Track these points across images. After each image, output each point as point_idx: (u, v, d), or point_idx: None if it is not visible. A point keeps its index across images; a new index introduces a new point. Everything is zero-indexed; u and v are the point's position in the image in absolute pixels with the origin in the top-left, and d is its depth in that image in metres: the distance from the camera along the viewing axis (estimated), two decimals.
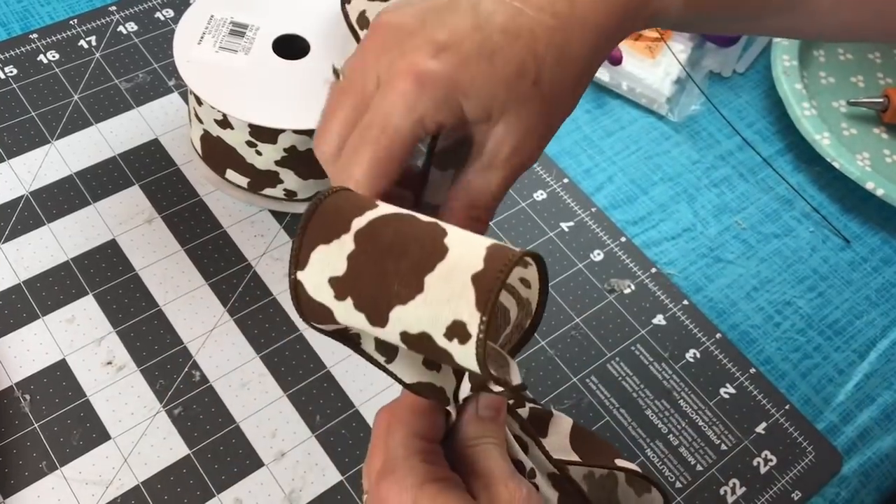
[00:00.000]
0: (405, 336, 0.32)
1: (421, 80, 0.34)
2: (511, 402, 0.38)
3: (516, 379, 0.33)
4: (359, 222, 0.32)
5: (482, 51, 0.34)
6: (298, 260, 0.33)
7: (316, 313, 0.33)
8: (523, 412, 0.41)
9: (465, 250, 0.31)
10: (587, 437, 0.43)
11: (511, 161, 0.37)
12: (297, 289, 0.33)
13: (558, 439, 0.40)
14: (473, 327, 0.30)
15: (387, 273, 0.31)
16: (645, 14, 0.39)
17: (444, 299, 0.30)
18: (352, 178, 0.35)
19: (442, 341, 0.31)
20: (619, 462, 0.43)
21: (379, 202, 0.33)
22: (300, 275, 0.33)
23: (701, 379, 0.57)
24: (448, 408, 0.36)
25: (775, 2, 0.44)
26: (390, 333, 0.32)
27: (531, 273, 0.34)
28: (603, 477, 0.42)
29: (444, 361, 0.32)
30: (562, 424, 0.42)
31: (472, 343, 0.30)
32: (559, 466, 0.38)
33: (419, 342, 0.32)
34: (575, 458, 0.41)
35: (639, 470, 0.43)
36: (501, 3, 0.35)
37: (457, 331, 0.30)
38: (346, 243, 0.32)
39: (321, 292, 0.33)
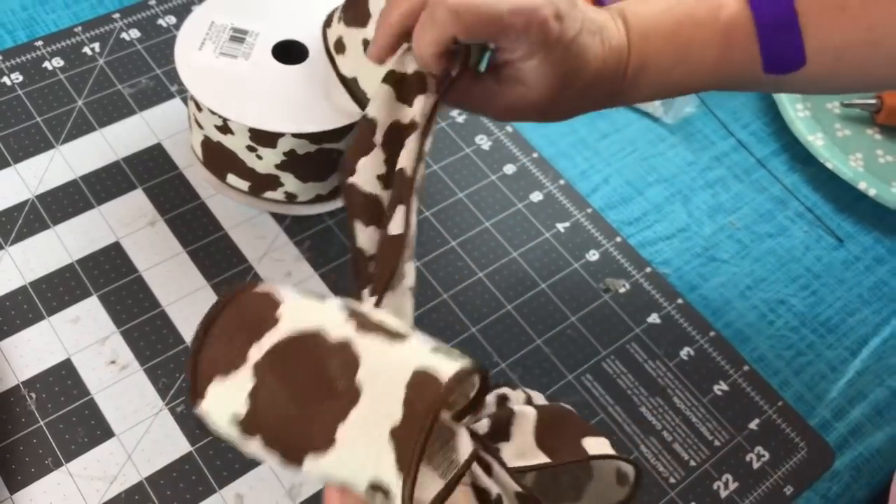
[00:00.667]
0: (327, 481, 0.29)
1: None
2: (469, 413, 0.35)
3: (465, 450, 0.30)
4: (256, 352, 0.29)
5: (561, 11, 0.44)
6: (196, 390, 0.30)
7: (224, 442, 0.31)
8: (482, 424, 0.36)
9: (381, 391, 0.28)
10: (554, 424, 0.39)
11: (530, 83, 0.46)
12: (206, 421, 0.31)
13: (523, 440, 0.36)
14: (396, 488, 0.27)
15: (295, 418, 0.28)
16: (614, 101, 0.51)
17: (362, 457, 0.28)
18: (420, 52, 0.43)
19: (366, 492, 0.28)
20: (587, 445, 0.39)
21: (283, 305, 0.30)
22: (203, 406, 0.30)
23: (695, 376, 0.58)
24: None
25: (762, 86, 0.51)
26: (311, 474, 0.29)
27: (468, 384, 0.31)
28: (575, 469, 0.41)
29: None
30: (526, 423, 0.38)
31: (397, 501, 0.27)
32: (523, 485, 0.35)
33: (343, 484, 0.29)
34: (543, 458, 0.37)
35: (606, 452, 0.38)
36: (581, 12, 0.46)
37: (380, 488, 0.28)
38: (244, 378, 0.29)
39: (226, 429, 0.30)
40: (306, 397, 0.28)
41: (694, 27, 0.48)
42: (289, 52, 0.59)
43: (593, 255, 0.62)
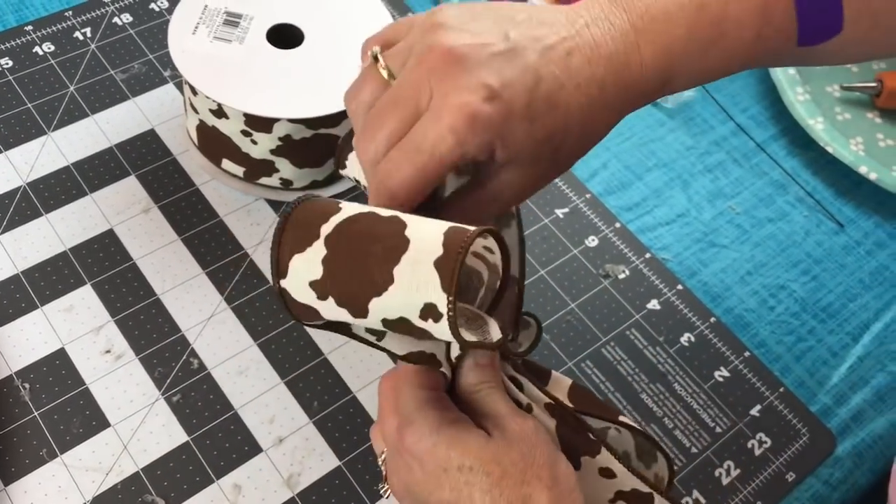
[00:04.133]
0: (386, 322, 0.35)
1: (473, 121, 0.36)
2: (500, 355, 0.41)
3: (496, 334, 0.36)
4: (326, 228, 0.35)
5: (527, 113, 0.38)
6: (279, 270, 0.36)
7: (304, 313, 0.37)
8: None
9: (425, 238, 0.34)
10: (587, 394, 0.44)
11: (507, 201, 0.41)
12: (283, 295, 0.37)
13: (556, 393, 0.42)
14: (443, 307, 0.33)
15: (358, 270, 0.34)
16: (656, 96, 0.42)
17: (414, 287, 0.34)
18: (388, 190, 0.38)
19: (419, 322, 0.34)
20: (622, 419, 0.43)
21: (342, 203, 0.36)
22: (283, 283, 0.36)
23: (695, 362, 0.57)
24: (442, 369, 0.39)
25: (786, 59, 0.46)
26: (372, 321, 0.35)
27: (492, 242, 0.37)
28: (603, 430, 0.43)
29: (426, 337, 0.36)
30: (560, 383, 0.43)
31: (444, 321, 0.33)
32: (552, 396, 0.40)
33: (399, 325, 0.35)
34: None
35: (639, 427, 0.43)
36: (549, 71, 0.38)
37: (430, 312, 0.34)
38: (318, 249, 0.35)
39: (304, 295, 0.36)
40: (366, 252, 0.34)
41: (724, 4, 0.42)
42: (284, 36, 0.58)
43: (592, 241, 0.62)
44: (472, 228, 0.34)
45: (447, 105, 0.37)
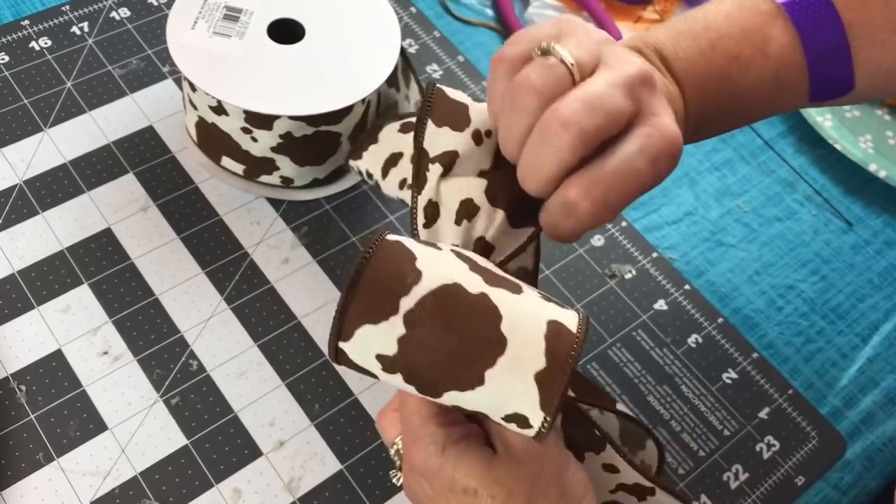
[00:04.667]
0: (458, 407, 0.34)
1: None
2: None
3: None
4: (407, 302, 0.33)
5: None
6: (342, 331, 0.33)
7: (354, 367, 0.35)
8: None
9: (526, 340, 0.32)
10: (586, 381, 0.43)
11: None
12: (338, 353, 0.34)
13: None
14: (536, 422, 0.32)
15: (441, 362, 0.32)
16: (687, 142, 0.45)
17: (506, 395, 0.32)
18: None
19: (498, 419, 0.33)
20: (620, 407, 0.43)
21: (419, 264, 0.34)
22: (343, 345, 0.34)
23: (703, 364, 0.56)
24: None
25: (805, 106, 0.48)
26: (442, 400, 0.34)
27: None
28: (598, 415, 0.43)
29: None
30: None
31: (532, 432, 0.33)
32: None
33: (472, 412, 0.34)
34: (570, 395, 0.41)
35: (632, 414, 0.43)
36: None
37: (517, 419, 0.33)
38: (395, 326, 0.33)
39: (367, 362, 0.34)
40: (453, 347, 0.32)
41: (743, 70, 0.44)
42: (285, 31, 0.57)
43: (598, 241, 0.61)
44: (574, 331, 0.32)
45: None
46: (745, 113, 0.47)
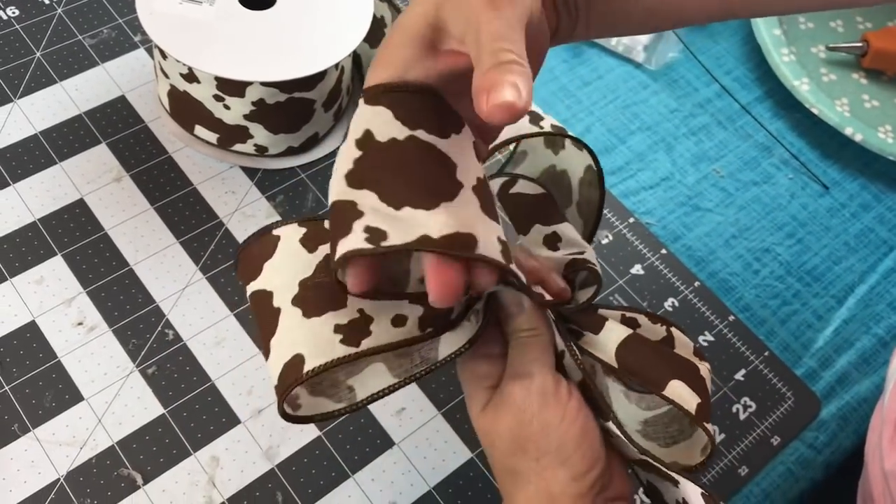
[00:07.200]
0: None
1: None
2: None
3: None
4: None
5: None
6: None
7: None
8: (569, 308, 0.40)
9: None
10: (641, 350, 0.38)
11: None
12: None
13: (602, 349, 0.38)
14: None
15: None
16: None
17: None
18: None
19: None
20: (673, 387, 0.37)
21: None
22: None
23: (680, 327, 0.57)
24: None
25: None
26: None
27: None
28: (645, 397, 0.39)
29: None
30: (612, 335, 0.38)
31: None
32: (586, 354, 0.38)
33: None
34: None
35: (691, 411, 0.36)
36: None
37: None
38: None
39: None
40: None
41: None
42: None
43: None
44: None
45: None
46: None
